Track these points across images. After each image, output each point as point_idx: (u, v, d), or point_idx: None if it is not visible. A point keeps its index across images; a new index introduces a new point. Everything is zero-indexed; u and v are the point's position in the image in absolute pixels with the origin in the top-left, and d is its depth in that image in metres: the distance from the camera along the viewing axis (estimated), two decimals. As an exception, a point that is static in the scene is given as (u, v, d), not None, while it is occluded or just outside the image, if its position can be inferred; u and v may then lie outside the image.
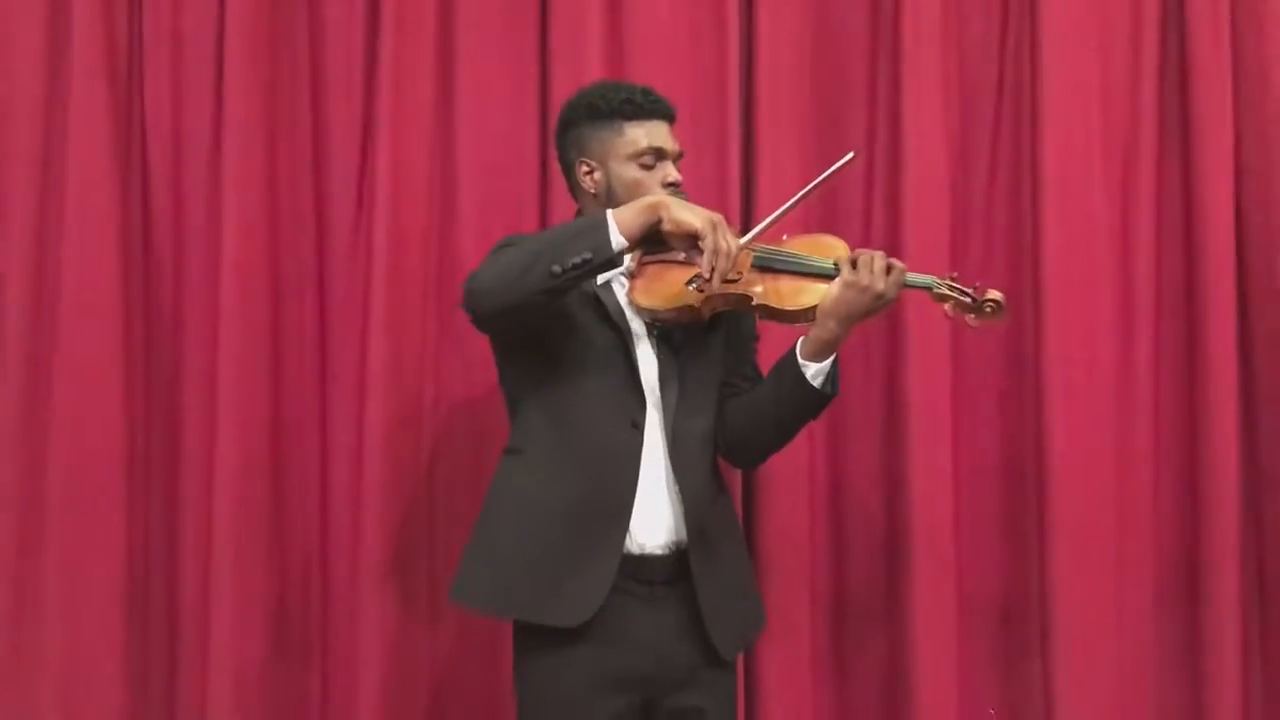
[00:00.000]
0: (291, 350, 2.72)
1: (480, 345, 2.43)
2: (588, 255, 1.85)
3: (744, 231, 2.05)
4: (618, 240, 1.86)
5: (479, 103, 2.76)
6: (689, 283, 1.90)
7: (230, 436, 2.59)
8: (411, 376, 2.69)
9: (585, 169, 2.10)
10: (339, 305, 2.76)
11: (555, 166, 2.39)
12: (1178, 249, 2.86)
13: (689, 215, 1.87)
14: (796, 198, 2.07)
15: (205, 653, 2.60)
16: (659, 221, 1.89)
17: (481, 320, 1.97)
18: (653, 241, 1.91)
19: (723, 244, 1.86)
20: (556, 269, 1.85)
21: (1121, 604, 2.77)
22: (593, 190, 2.11)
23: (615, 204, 2.04)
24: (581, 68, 2.66)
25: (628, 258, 1.97)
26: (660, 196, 1.96)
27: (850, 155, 2.08)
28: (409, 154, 2.71)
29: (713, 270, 1.85)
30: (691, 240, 1.88)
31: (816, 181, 2.07)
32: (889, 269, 1.94)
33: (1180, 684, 2.80)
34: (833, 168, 2.06)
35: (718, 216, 1.92)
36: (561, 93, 2.62)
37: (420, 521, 2.70)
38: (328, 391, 2.75)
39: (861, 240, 2.72)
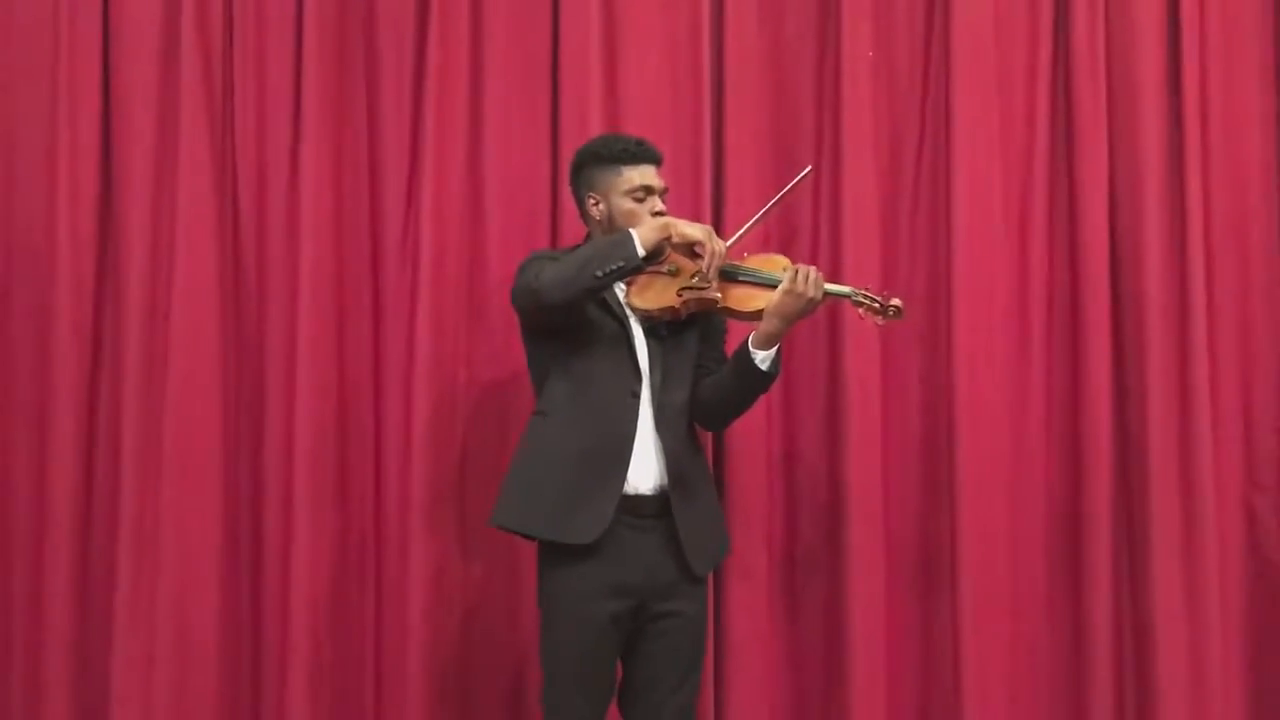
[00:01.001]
0: (353, 336, 3.17)
1: (501, 335, 3.09)
2: (621, 263, 2.41)
3: (726, 238, 2.55)
4: (640, 251, 2.41)
5: (502, 140, 3.22)
6: (693, 276, 2.45)
7: (305, 406, 3.06)
8: (448, 358, 3.14)
9: (593, 201, 2.61)
10: (391, 300, 3.21)
11: (563, 191, 2.92)
12: (1063, 256, 3.26)
13: (690, 230, 2.45)
14: (766, 208, 2.60)
15: (286, 581, 3.06)
16: (669, 236, 2.45)
17: (543, 311, 2.49)
18: (658, 254, 2.45)
19: (717, 247, 2.44)
20: (599, 273, 2.40)
21: (1016, 547, 3.18)
22: (598, 217, 2.61)
23: (615, 228, 2.57)
24: (585, 113, 3.14)
25: (639, 232, 2.45)
26: (668, 219, 2.50)
27: (808, 169, 2.65)
28: (447, 180, 3.17)
29: (710, 266, 2.42)
30: (690, 248, 2.45)
31: (781, 194, 2.60)
32: (816, 281, 2.42)
33: (1065, 613, 3.20)
34: (793, 182, 2.60)
35: (709, 229, 2.48)
36: (569, 132, 3.16)
37: (454, 475, 3.13)
38: (381, 369, 3.20)
39: (811, 249, 3.19)
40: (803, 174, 2.62)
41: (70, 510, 3.07)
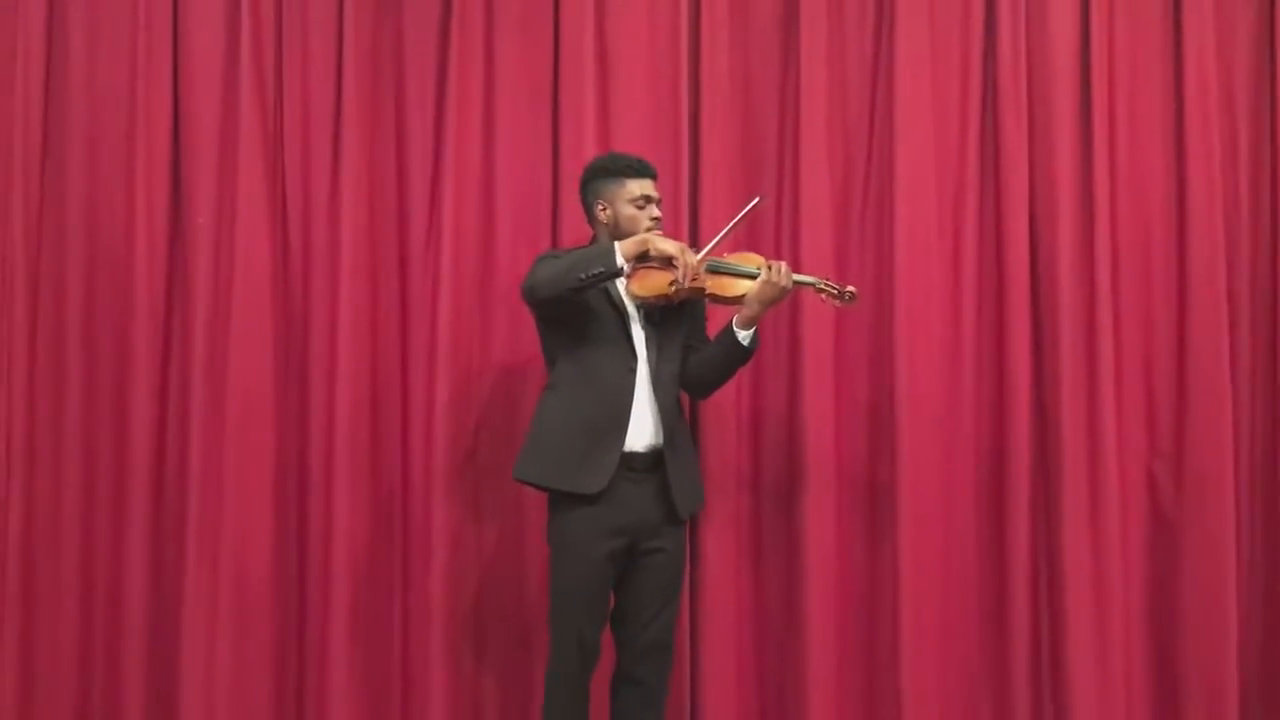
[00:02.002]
0: (384, 323, 3.54)
1: (509, 320, 3.48)
2: (601, 270, 2.82)
3: (698, 250, 2.99)
4: (620, 261, 2.83)
5: (510, 155, 3.58)
6: (670, 284, 2.87)
7: (344, 382, 3.46)
8: (465, 341, 3.51)
9: (601, 207, 3.05)
10: (416, 291, 3.57)
11: (561, 198, 3.41)
12: (990, 254, 3.62)
13: (666, 246, 2.87)
14: (727, 228, 3.03)
15: (328, 538, 3.45)
16: (647, 250, 2.86)
17: (537, 305, 2.93)
18: (641, 259, 2.87)
19: (689, 262, 2.86)
20: (583, 275, 2.81)
21: (948, 499, 3.56)
22: (605, 221, 3.04)
23: (619, 231, 2.98)
24: (581, 133, 3.52)
25: (626, 267, 2.86)
26: (648, 235, 2.91)
27: (757, 199, 3.08)
28: (464, 189, 3.54)
29: (683, 276, 2.85)
30: (668, 260, 2.87)
31: (738, 217, 3.03)
32: (787, 273, 2.91)
33: (989, 557, 3.57)
34: (746, 209, 3.04)
35: (683, 245, 2.87)
36: (567, 148, 3.55)
37: (469, 441, 3.50)
38: (408, 350, 3.55)
39: (775, 246, 3.57)
40: (753, 203, 3.06)
41: (148, 466, 3.48)
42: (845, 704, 3.56)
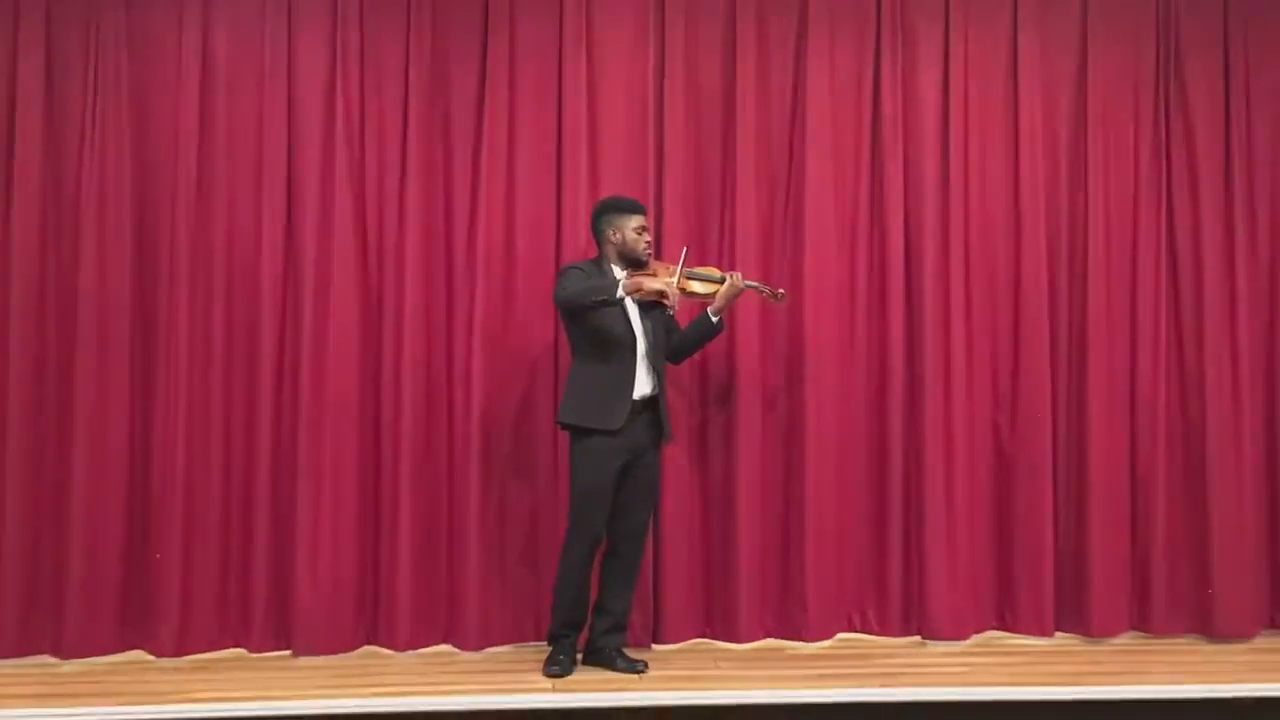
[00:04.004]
0: (435, 311, 4.53)
1: (524, 311, 4.49)
2: (605, 297, 3.95)
3: (668, 265, 4.14)
4: (620, 293, 3.96)
5: (527, 193, 4.55)
6: (664, 297, 3.99)
7: (408, 353, 4.47)
8: (495, 325, 4.50)
9: (612, 232, 4.16)
10: (459, 291, 4.54)
11: (563, 224, 4.49)
12: (878, 261, 4.70)
13: (654, 284, 3.98)
14: (682, 257, 4.12)
15: (396, 470, 4.47)
16: (640, 288, 3.97)
17: (561, 309, 4.08)
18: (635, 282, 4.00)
19: (674, 295, 3.98)
20: (593, 300, 3.94)
21: (841, 432, 4.66)
22: (615, 243, 4.13)
23: (625, 249, 4.08)
24: (576, 176, 4.53)
25: (623, 280, 3.99)
26: (641, 279, 3.96)
27: (685, 250, 4.18)
28: (494, 213, 4.53)
29: (673, 305, 4.00)
30: (660, 294, 4.00)
31: (684, 254, 4.14)
32: (741, 279, 4.11)
33: (870, 476, 4.69)
34: (684, 253, 4.13)
35: (669, 281, 3.95)
36: (567, 187, 4.54)
37: (499, 399, 4.50)
38: (453, 333, 4.54)
39: (717, 257, 4.67)
40: (684, 252, 4.17)
41: (271, 404, 4.51)
42: (766, 560, 4.68)
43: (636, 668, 4.21)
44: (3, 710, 3.79)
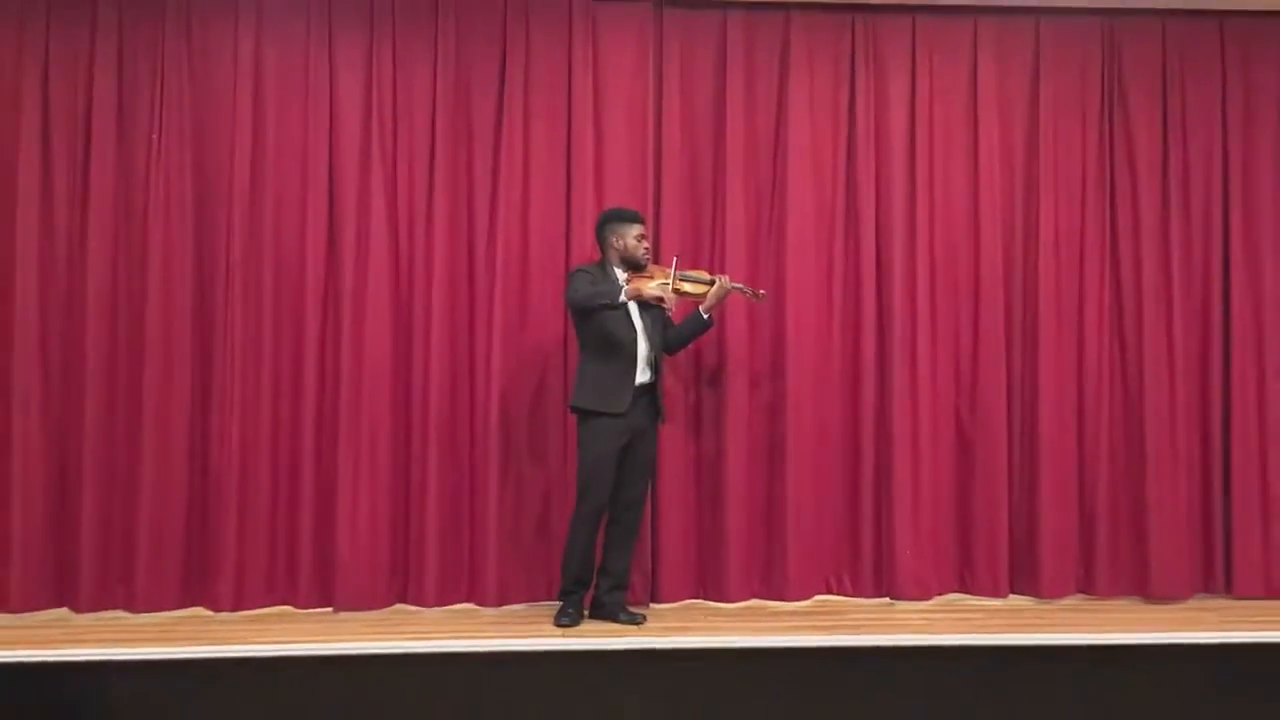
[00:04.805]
0: (460, 310, 5.04)
1: (538, 311, 4.99)
2: (609, 300, 4.47)
3: (664, 268, 4.67)
4: (623, 298, 4.49)
5: (540, 204, 5.06)
6: (661, 301, 4.53)
7: (435, 348, 5.00)
8: (513, 324, 5.01)
9: (615, 239, 4.71)
10: (480, 293, 5.04)
11: (572, 236, 4.96)
12: (852, 267, 5.20)
13: (652, 290, 4.51)
14: (673, 266, 4.65)
15: (425, 452, 5.01)
16: (641, 295, 4.50)
17: (571, 309, 4.61)
18: (635, 285, 4.55)
19: (670, 298, 4.55)
20: (600, 302, 4.46)
21: (820, 416, 5.16)
22: (618, 249, 4.66)
23: (627, 254, 4.59)
24: (584, 194, 5.03)
25: (624, 282, 4.53)
26: (640, 285, 4.48)
27: (676, 258, 4.73)
28: (511, 226, 5.05)
29: (670, 309, 4.54)
30: (659, 300, 4.52)
31: (675, 262, 4.67)
32: (728, 281, 4.64)
33: (845, 454, 5.18)
34: (675, 261, 4.67)
35: (667, 285, 4.46)
36: (576, 203, 5.03)
37: (515, 390, 5.02)
38: (474, 331, 5.05)
39: (708, 261, 5.17)
40: (675, 259, 4.71)
41: (315, 388, 5.03)
42: (752, 528, 5.17)
43: (636, 619, 4.76)
44: (86, 650, 4.35)
